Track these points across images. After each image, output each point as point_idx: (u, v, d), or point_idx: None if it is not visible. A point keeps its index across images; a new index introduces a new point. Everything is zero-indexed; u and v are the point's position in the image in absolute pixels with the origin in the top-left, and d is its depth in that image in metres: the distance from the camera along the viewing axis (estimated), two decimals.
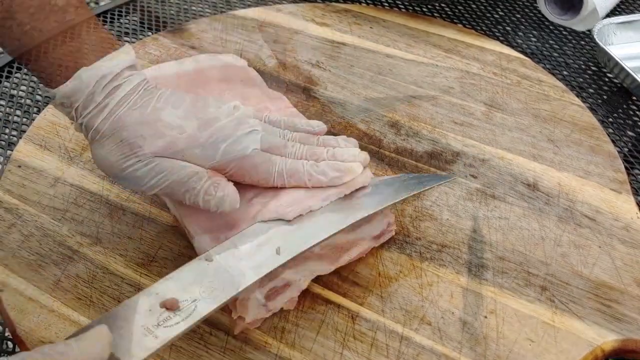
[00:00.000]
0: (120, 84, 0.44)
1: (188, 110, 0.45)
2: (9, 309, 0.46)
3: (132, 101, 0.44)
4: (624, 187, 0.55)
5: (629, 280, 0.48)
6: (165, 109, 0.45)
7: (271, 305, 0.44)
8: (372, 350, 0.44)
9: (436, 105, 0.64)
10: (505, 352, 0.44)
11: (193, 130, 0.44)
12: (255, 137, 0.45)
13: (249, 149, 0.44)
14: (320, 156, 0.46)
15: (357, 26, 0.76)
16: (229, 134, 0.44)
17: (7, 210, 0.54)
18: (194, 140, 0.44)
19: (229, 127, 0.44)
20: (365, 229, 0.48)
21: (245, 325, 0.44)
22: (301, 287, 0.46)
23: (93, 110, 0.44)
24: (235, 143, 0.44)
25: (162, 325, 0.37)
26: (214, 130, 0.44)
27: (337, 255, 0.47)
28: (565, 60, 0.76)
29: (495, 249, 0.50)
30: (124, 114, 0.44)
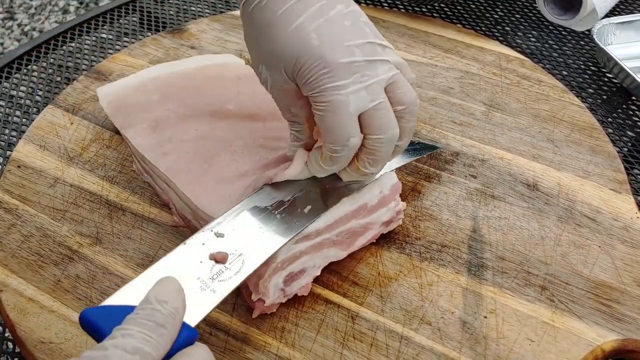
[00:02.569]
0: None
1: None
2: (8, 310, 0.46)
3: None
4: (623, 187, 0.55)
5: (629, 280, 0.48)
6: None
7: (288, 290, 0.45)
8: (372, 350, 0.44)
9: (436, 105, 0.64)
10: (505, 352, 0.44)
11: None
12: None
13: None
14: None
15: None
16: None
17: (6, 211, 0.54)
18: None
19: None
20: (378, 214, 0.49)
21: (264, 309, 0.45)
22: (315, 274, 0.47)
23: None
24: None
25: (216, 279, 0.37)
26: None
27: (351, 240, 0.48)
28: (565, 60, 0.76)
29: (495, 248, 0.50)
30: (254, 11, 0.43)
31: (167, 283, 0.33)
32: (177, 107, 0.56)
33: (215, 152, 0.51)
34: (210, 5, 0.87)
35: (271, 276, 0.43)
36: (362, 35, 0.42)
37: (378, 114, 0.41)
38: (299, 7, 0.42)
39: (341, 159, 0.42)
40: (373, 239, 0.50)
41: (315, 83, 0.41)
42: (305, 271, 0.46)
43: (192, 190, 0.48)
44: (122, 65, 0.70)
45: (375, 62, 0.42)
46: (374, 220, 0.49)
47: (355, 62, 0.41)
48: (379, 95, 0.41)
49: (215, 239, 0.40)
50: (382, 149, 0.42)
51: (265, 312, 0.45)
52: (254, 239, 0.41)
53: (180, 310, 0.32)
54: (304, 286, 0.46)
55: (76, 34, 0.80)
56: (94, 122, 0.62)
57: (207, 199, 0.47)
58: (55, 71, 0.75)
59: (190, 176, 0.49)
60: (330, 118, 0.41)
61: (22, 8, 2.23)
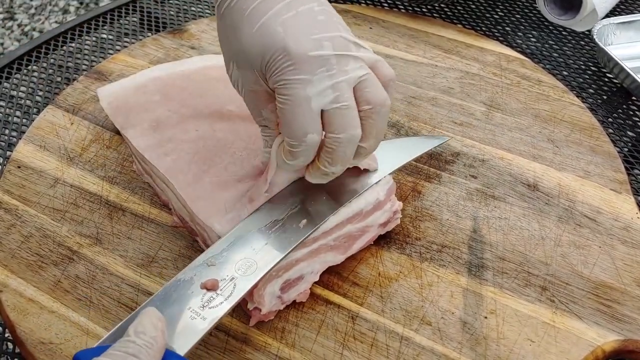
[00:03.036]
0: None
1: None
2: (8, 310, 0.46)
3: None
4: (624, 187, 0.55)
5: (629, 280, 0.48)
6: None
7: (285, 297, 0.45)
8: (372, 351, 0.44)
9: (436, 105, 0.64)
10: (505, 353, 0.44)
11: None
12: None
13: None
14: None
15: (356, 27, 0.76)
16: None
17: (6, 211, 0.54)
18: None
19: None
20: (374, 217, 0.48)
21: (261, 317, 0.45)
22: (314, 279, 0.47)
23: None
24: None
25: (207, 306, 0.38)
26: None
27: (348, 244, 0.48)
28: (565, 60, 0.76)
29: (495, 249, 0.50)
30: (225, 12, 0.43)
31: (146, 314, 0.34)
32: (178, 108, 0.56)
33: (215, 153, 0.51)
34: (210, 5, 0.87)
35: (266, 285, 0.43)
36: (334, 29, 0.41)
37: (339, 113, 0.40)
38: (267, 4, 0.41)
39: (300, 154, 0.41)
40: (371, 241, 0.50)
41: (279, 75, 0.40)
42: (303, 277, 0.46)
43: (188, 193, 0.48)
44: (122, 66, 0.70)
45: (347, 58, 0.40)
46: (371, 223, 0.48)
47: (322, 56, 0.40)
48: (345, 94, 0.40)
49: (207, 268, 0.40)
50: (340, 149, 0.41)
51: (263, 320, 0.45)
52: (245, 261, 0.41)
53: (158, 340, 0.33)
54: (302, 292, 0.46)
55: (76, 34, 0.80)
56: (94, 122, 0.62)
57: (203, 204, 0.47)
58: (56, 71, 0.75)
59: (188, 178, 0.49)
60: (289, 112, 0.40)
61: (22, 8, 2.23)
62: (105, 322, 0.46)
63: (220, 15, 0.44)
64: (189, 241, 0.51)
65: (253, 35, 0.41)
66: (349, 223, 0.47)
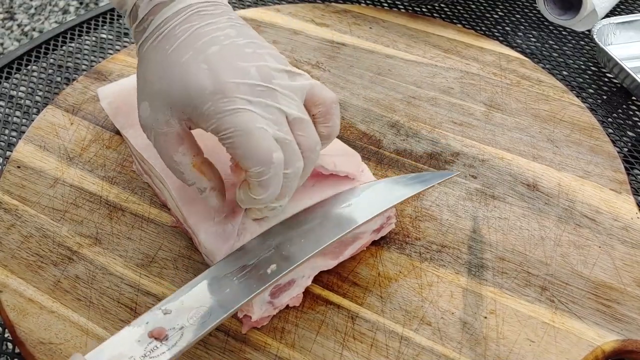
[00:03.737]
0: (171, 0, 0.40)
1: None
2: (8, 310, 0.46)
3: (168, 28, 0.40)
4: (623, 187, 0.55)
5: (629, 280, 0.48)
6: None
7: (277, 302, 0.45)
8: (372, 351, 0.44)
9: (436, 105, 0.64)
10: (505, 353, 0.44)
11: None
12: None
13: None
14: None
15: (356, 27, 0.76)
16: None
17: (6, 211, 0.54)
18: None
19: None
20: (365, 224, 0.48)
21: (253, 324, 0.44)
22: (306, 284, 0.46)
23: (137, 27, 0.41)
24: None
25: (148, 356, 0.36)
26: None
27: (339, 250, 0.48)
28: (565, 60, 0.76)
29: (495, 249, 0.50)
30: (147, 52, 0.40)
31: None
32: None
33: (213, 152, 0.51)
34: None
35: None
36: (260, 59, 0.40)
37: (285, 149, 0.39)
38: (189, 41, 0.39)
39: (271, 181, 0.39)
40: (364, 247, 0.50)
41: (213, 112, 0.37)
42: (294, 282, 0.45)
43: (182, 195, 0.47)
44: (122, 66, 0.70)
45: (275, 91, 0.39)
46: (363, 230, 0.48)
47: (250, 85, 0.38)
48: (284, 127, 0.39)
49: (163, 317, 0.39)
50: (289, 184, 0.40)
51: (255, 326, 0.45)
52: (200, 310, 0.39)
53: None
54: (295, 297, 0.46)
55: (76, 34, 0.80)
56: (94, 122, 0.62)
57: (194, 208, 0.46)
58: (55, 71, 0.75)
59: None
60: (242, 140, 0.37)
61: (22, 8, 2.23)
62: (105, 322, 0.46)
63: (142, 56, 0.42)
64: (189, 241, 0.51)
65: (177, 72, 0.39)
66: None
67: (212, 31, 0.40)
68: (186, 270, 0.49)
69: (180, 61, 0.39)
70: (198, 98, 0.38)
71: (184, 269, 0.49)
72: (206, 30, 0.40)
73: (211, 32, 0.40)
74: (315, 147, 0.41)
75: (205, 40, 0.40)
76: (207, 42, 0.40)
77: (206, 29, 0.40)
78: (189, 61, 0.39)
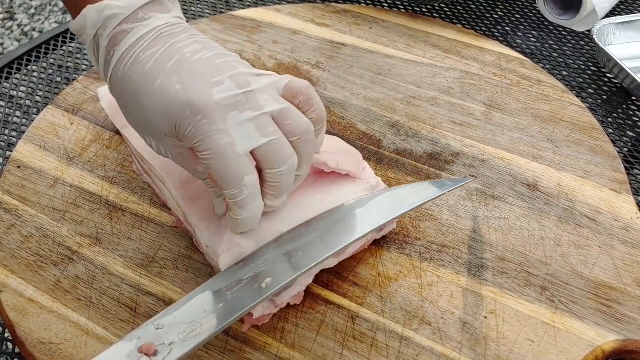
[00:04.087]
0: (131, 28, 0.40)
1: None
2: (8, 310, 0.46)
3: (133, 56, 0.39)
4: (623, 187, 0.55)
5: (629, 280, 0.48)
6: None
7: (278, 300, 0.45)
8: (372, 351, 0.44)
9: (436, 105, 0.64)
10: (505, 353, 0.44)
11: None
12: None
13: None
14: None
15: (356, 27, 0.76)
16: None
17: (6, 211, 0.54)
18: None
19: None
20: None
21: (254, 322, 0.44)
22: (307, 282, 0.46)
23: (100, 59, 0.41)
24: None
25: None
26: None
27: (342, 248, 0.47)
28: (565, 60, 0.76)
29: (495, 249, 0.50)
30: (117, 82, 0.40)
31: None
32: None
33: None
34: (210, 5, 0.87)
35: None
36: (231, 69, 0.40)
37: (272, 148, 0.39)
38: (158, 65, 0.39)
39: (246, 202, 0.39)
40: (366, 245, 0.50)
41: (193, 133, 0.38)
42: (295, 280, 0.45)
43: (183, 193, 0.48)
44: None
45: (253, 94, 0.39)
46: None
47: (229, 97, 0.38)
48: (269, 127, 0.39)
49: (155, 332, 0.39)
50: (284, 181, 0.40)
51: (256, 324, 0.45)
52: (191, 325, 0.39)
53: None
54: (296, 295, 0.46)
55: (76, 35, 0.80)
56: (94, 122, 0.62)
57: (196, 206, 0.46)
58: (56, 71, 0.75)
59: (183, 177, 0.49)
60: (217, 164, 0.38)
61: (22, 8, 2.23)
62: (105, 322, 0.46)
63: (113, 86, 0.42)
64: (189, 241, 0.51)
65: (154, 100, 0.39)
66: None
67: (178, 50, 0.40)
68: (186, 270, 0.49)
69: (154, 88, 0.39)
70: (180, 121, 0.38)
71: (184, 269, 0.49)
72: (172, 50, 0.40)
73: (177, 51, 0.40)
74: (308, 129, 0.41)
75: (174, 61, 0.40)
76: (176, 62, 0.40)
77: (171, 50, 0.40)
78: (163, 85, 0.39)
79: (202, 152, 0.38)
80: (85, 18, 0.41)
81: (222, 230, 0.44)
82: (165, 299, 0.47)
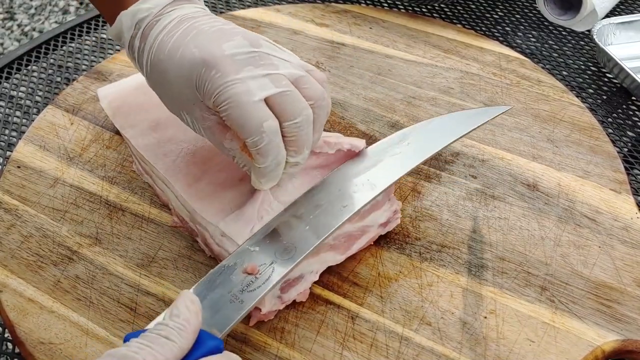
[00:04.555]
0: (157, 20, 0.44)
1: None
2: (8, 310, 0.46)
3: (158, 41, 0.43)
4: (623, 187, 0.55)
5: (629, 280, 0.48)
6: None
7: (285, 297, 0.45)
8: (372, 351, 0.44)
9: (436, 105, 0.64)
10: (505, 353, 0.44)
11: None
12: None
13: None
14: None
15: (356, 27, 0.76)
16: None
17: (6, 211, 0.54)
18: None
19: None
20: (373, 217, 0.48)
21: (261, 317, 0.45)
22: (313, 279, 0.47)
23: (137, 58, 0.45)
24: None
25: (246, 290, 0.39)
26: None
27: (348, 244, 0.48)
28: (565, 60, 0.76)
29: (495, 249, 0.50)
30: (150, 68, 0.44)
31: (181, 298, 0.35)
32: None
33: (214, 153, 0.51)
34: (210, 5, 0.87)
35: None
36: (244, 32, 0.42)
37: (287, 99, 0.40)
38: (178, 40, 0.42)
39: (267, 149, 0.40)
40: (371, 241, 0.50)
41: (210, 88, 0.40)
42: (302, 277, 0.46)
43: (190, 193, 0.48)
44: (122, 66, 0.70)
45: (268, 55, 0.41)
46: (370, 223, 0.48)
47: (240, 53, 0.40)
48: (283, 81, 0.41)
49: (250, 254, 0.41)
50: (302, 133, 0.41)
51: (263, 319, 0.45)
52: (285, 246, 0.42)
53: (191, 322, 0.33)
54: (302, 292, 0.46)
55: (76, 34, 0.80)
56: (94, 122, 0.62)
57: (205, 203, 0.47)
58: (55, 71, 0.75)
59: (188, 178, 0.49)
60: (235, 112, 0.39)
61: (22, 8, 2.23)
62: (105, 322, 0.46)
63: (149, 75, 0.45)
64: (189, 241, 0.51)
65: (178, 71, 0.42)
66: (347, 222, 0.47)
67: (197, 26, 0.43)
68: (186, 270, 0.49)
69: (176, 60, 0.42)
70: (198, 80, 0.40)
71: (184, 269, 0.49)
72: (192, 28, 0.43)
73: (197, 27, 0.43)
74: (322, 95, 0.43)
75: (192, 35, 0.42)
76: (194, 35, 0.42)
77: (191, 28, 0.43)
78: (182, 54, 0.41)
79: (220, 104, 0.40)
80: (120, 23, 0.45)
81: (243, 217, 0.44)
82: (165, 298, 0.47)
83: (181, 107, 0.43)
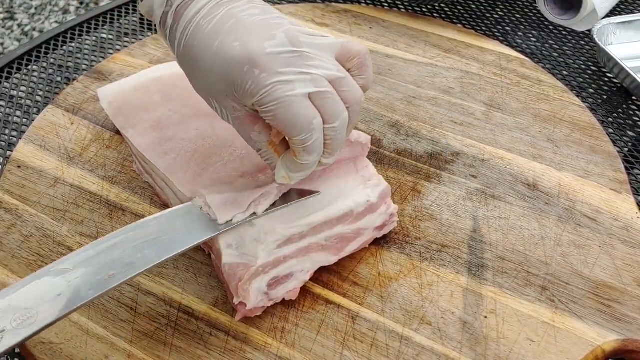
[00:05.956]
0: (192, 0, 0.42)
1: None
2: None
3: (194, 24, 0.42)
4: (624, 187, 0.55)
5: (629, 280, 0.48)
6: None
7: (273, 294, 0.45)
8: (372, 351, 0.44)
9: (436, 105, 0.64)
10: (505, 352, 0.44)
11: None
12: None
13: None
14: None
15: (356, 26, 0.76)
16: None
17: (7, 211, 0.54)
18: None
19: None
20: (368, 219, 0.48)
21: (246, 313, 0.44)
22: (304, 279, 0.46)
23: (169, 37, 0.44)
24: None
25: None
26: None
27: (341, 246, 0.48)
28: (565, 60, 0.76)
29: (495, 249, 0.50)
30: (182, 52, 0.43)
31: None
32: (179, 108, 0.56)
33: (214, 151, 0.51)
34: None
35: (251, 280, 0.43)
36: (287, 24, 0.41)
37: (326, 102, 0.40)
38: (216, 28, 0.41)
39: (314, 146, 0.40)
40: (366, 244, 0.50)
41: (254, 88, 0.39)
42: (292, 275, 0.45)
43: (188, 189, 0.48)
44: (122, 66, 0.70)
45: (309, 56, 0.41)
46: (365, 226, 0.48)
47: (281, 52, 0.40)
48: (323, 82, 0.40)
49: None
50: (338, 137, 0.41)
51: (249, 315, 0.45)
52: (25, 312, 0.36)
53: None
54: (291, 290, 0.46)
55: (76, 34, 0.80)
56: (94, 122, 0.62)
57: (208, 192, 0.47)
58: (56, 71, 0.75)
59: (188, 175, 0.49)
60: (285, 112, 0.39)
61: (22, 8, 2.23)
62: (105, 322, 0.46)
63: (180, 58, 0.44)
64: None
65: (214, 62, 0.41)
66: (339, 223, 0.46)
67: (236, 14, 0.42)
68: (186, 270, 0.49)
69: (213, 50, 0.41)
70: (239, 78, 0.40)
71: (184, 269, 0.49)
72: (229, 14, 0.42)
73: (235, 14, 0.42)
74: (360, 99, 0.42)
75: (231, 23, 0.41)
76: (233, 24, 0.41)
77: (229, 14, 0.42)
78: (221, 45, 0.41)
79: (265, 105, 0.39)
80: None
81: (234, 201, 0.44)
82: (165, 298, 0.47)
83: (211, 94, 0.43)
